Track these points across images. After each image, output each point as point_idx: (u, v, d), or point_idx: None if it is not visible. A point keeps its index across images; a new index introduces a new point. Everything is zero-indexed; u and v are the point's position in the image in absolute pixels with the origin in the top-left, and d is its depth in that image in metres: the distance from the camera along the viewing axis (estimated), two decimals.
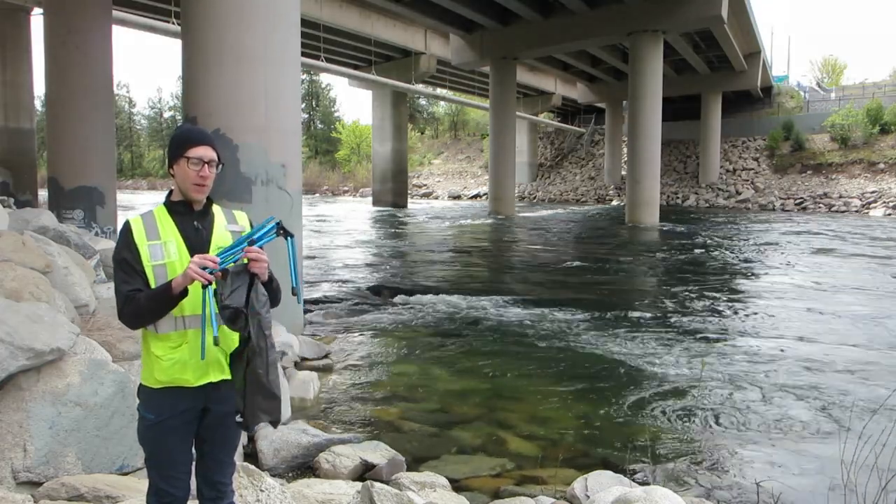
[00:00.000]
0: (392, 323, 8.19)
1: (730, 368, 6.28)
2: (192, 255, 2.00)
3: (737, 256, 15.41)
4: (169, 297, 1.92)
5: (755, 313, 8.92)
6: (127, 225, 2.03)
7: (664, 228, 23.44)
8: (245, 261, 1.96)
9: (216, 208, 2.16)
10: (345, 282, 11.29)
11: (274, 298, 2.09)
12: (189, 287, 1.95)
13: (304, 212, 7.98)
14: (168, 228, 2.04)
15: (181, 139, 2.07)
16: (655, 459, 4.22)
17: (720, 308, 9.27)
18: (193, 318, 2.02)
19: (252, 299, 1.96)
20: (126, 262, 1.99)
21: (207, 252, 2.02)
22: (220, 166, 2.12)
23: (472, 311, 8.83)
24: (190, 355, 2.02)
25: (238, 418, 2.02)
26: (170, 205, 2.09)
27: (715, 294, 10.33)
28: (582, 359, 6.60)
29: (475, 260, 15.43)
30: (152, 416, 2.03)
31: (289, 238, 1.99)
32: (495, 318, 8.49)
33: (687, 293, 10.37)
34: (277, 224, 1.98)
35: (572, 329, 7.84)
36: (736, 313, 8.95)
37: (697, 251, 16.46)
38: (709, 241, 18.78)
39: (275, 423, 2.05)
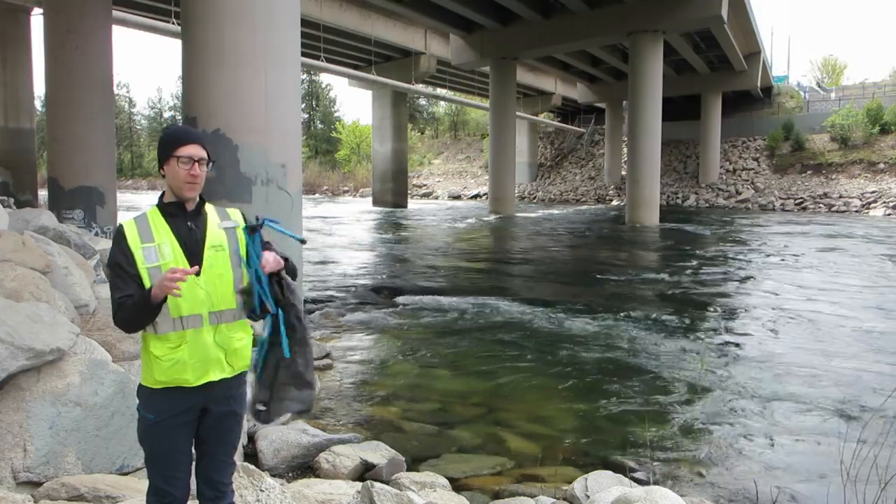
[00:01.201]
0: (392, 323, 8.19)
1: (730, 369, 6.28)
2: (187, 255, 2.02)
3: (739, 258, 15.40)
4: (150, 305, 1.92)
5: (757, 315, 8.92)
6: (120, 229, 2.02)
7: (664, 229, 23.43)
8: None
9: (208, 207, 2.16)
10: (345, 282, 11.29)
11: (294, 275, 2.18)
12: (184, 287, 1.95)
13: (304, 212, 7.97)
14: (162, 230, 2.04)
15: (170, 139, 2.08)
16: (655, 459, 4.22)
17: (721, 309, 9.27)
18: (192, 318, 2.02)
19: (285, 291, 2.05)
20: (119, 266, 1.99)
21: (202, 252, 2.04)
22: (211, 164, 2.12)
23: (472, 312, 8.83)
24: (189, 355, 2.01)
25: (260, 407, 2.04)
26: (162, 206, 2.09)
27: (716, 295, 10.33)
28: (582, 359, 6.60)
29: (475, 260, 15.42)
30: (152, 416, 2.03)
31: (257, 231, 2.06)
32: (496, 318, 8.49)
33: (688, 294, 10.37)
34: (246, 227, 2.08)
35: (573, 329, 7.83)
36: (738, 315, 8.95)
37: (699, 252, 16.46)
38: (710, 242, 18.77)
39: (307, 410, 2.17)
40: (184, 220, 2.07)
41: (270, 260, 2.05)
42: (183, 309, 2.00)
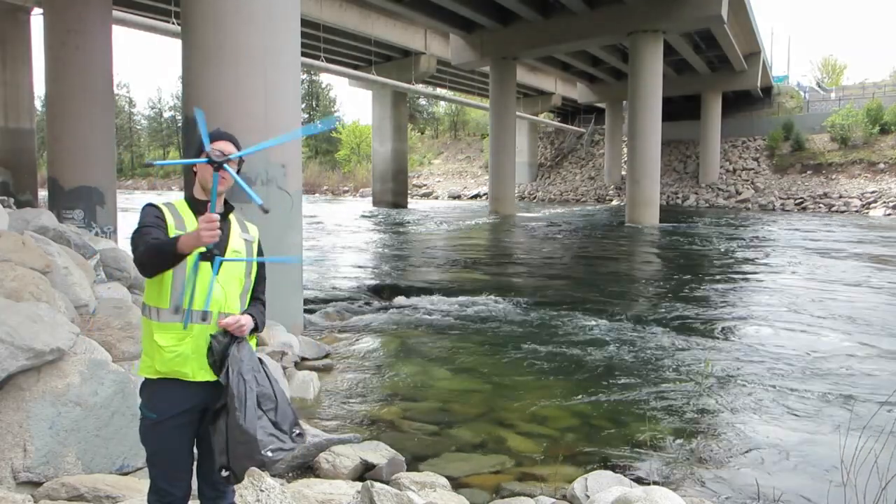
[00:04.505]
0: (392, 323, 8.19)
1: (732, 369, 6.28)
2: (208, 252, 2.03)
3: (740, 258, 15.40)
4: (173, 252, 1.89)
5: (759, 315, 8.92)
6: (155, 205, 2.09)
7: (664, 229, 23.43)
8: None
9: (232, 215, 2.21)
10: (345, 282, 11.29)
11: (262, 323, 2.21)
12: (201, 283, 2.00)
13: (303, 212, 7.98)
14: (190, 221, 2.08)
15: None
16: (656, 459, 4.22)
17: (723, 310, 9.27)
18: (203, 313, 2.04)
19: (232, 351, 2.01)
20: (150, 225, 2.01)
21: (224, 252, 2.08)
22: (242, 164, 2.19)
23: (472, 311, 8.83)
24: (192, 350, 2.03)
25: (224, 473, 1.97)
26: (191, 200, 2.14)
27: (717, 296, 10.33)
28: (583, 358, 6.60)
29: (475, 260, 15.42)
30: (154, 415, 2.04)
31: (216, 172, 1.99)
32: (496, 317, 8.48)
33: (689, 294, 10.37)
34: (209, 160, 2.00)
35: (573, 329, 7.83)
36: (739, 315, 8.94)
37: (699, 252, 16.46)
38: (711, 242, 18.77)
39: (260, 465, 1.96)
40: None
41: (241, 320, 2.06)
42: (196, 302, 2.02)
